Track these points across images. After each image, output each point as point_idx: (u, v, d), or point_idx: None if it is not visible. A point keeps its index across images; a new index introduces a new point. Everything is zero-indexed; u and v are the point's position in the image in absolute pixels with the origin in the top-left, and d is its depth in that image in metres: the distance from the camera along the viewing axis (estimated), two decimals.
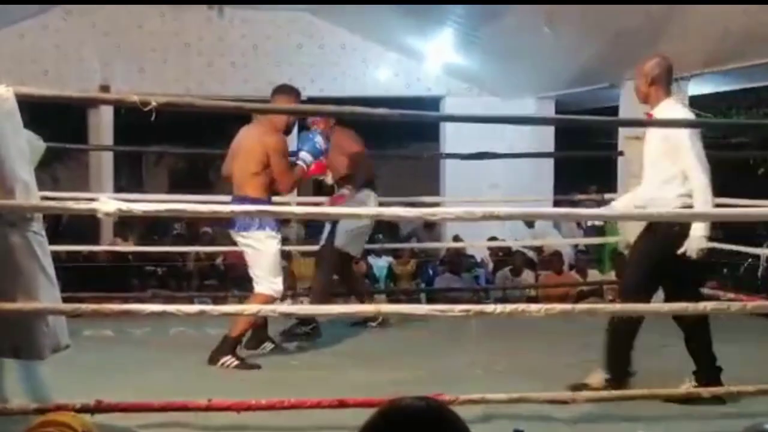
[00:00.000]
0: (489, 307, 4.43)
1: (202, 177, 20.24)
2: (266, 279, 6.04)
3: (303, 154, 6.30)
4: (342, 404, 4.40)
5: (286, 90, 6.51)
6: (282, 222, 12.74)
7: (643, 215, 5.88)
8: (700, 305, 4.75)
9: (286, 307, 5.64)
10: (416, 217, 4.44)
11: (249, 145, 6.28)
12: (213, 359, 6.01)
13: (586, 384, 5.07)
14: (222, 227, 9.70)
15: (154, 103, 3.87)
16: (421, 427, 1.70)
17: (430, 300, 10.72)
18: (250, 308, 4.23)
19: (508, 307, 4.38)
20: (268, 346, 6.51)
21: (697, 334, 5.22)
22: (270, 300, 5.96)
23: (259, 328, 6.42)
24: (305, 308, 6.29)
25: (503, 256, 12.45)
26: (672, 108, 5.42)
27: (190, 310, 4.47)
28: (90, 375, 5.45)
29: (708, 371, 5.14)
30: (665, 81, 5.53)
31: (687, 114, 5.57)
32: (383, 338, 6.94)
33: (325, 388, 5.11)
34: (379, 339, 6.90)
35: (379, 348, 6.65)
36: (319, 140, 6.37)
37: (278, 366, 6.06)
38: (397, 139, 16.09)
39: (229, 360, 6.00)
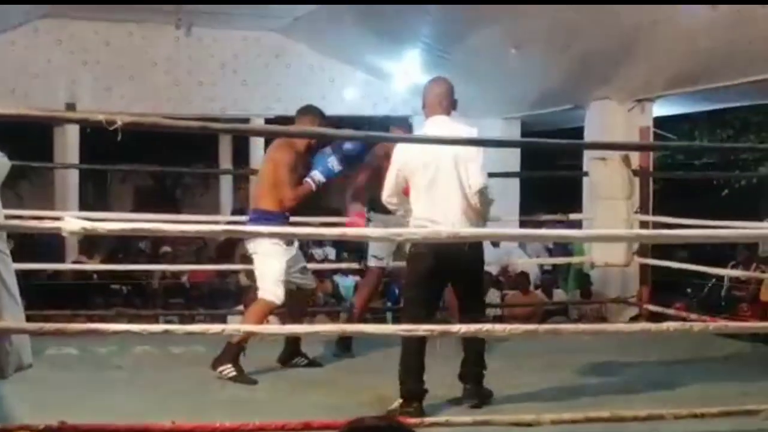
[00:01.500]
0: (454, 327, 4.43)
1: (168, 195, 20.19)
2: (268, 286, 6.12)
3: (315, 173, 6.35)
4: (307, 427, 4.39)
5: (308, 111, 6.59)
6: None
7: (602, 236, 5.95)
8: (663, 325, 4.77)
9: (247, 326, 5.61)
10: (382, 237, 4.45)
11: (264, 162, 6.57)
12: (214, 365, 6.01)
13: (392, 410, 5.03)
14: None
15: (119, 122, 3.85)
16: None
17: (397, 319, 10.71)
18: (214, 328, 4.21)
19: (473, 327, 4.39)
20: (301, 361, 6.51)
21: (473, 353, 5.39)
22: (270, 307, 6.13)
23: (293, 341, 6.45)
24: (270, 328, 6.27)
25: None
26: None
27: (154, 329, 4.44)
28: (54, 395, 5.39)
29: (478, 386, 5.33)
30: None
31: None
32: (346, 358, 6.91)
33: (289, 409, 5.11)
34: (342, 359, 6.87)
35: (342, 368, 6.63)
36: (333, 161, 6.37)
37: (241, 386, 6.03)
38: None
39: (227, 369, 5.99)
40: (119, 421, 4.47)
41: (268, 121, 13.55)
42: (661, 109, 11.97)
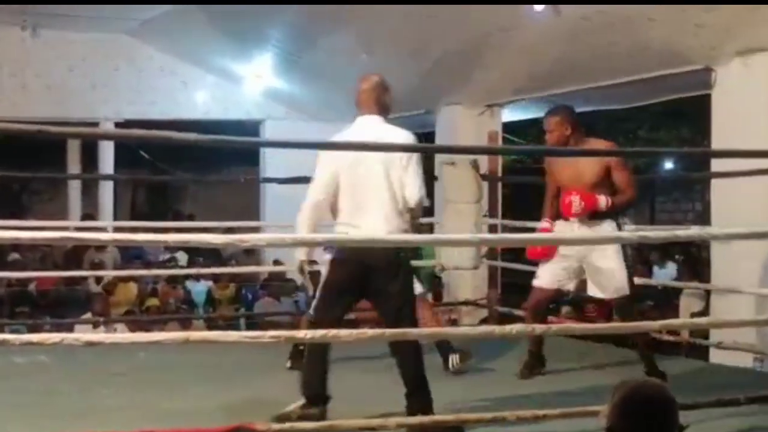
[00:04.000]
0: (300, 333, 4.42)
1: (15, 201, 19.61)
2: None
3: None
4: None
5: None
6: (97, 249, 12.58)
7: (449, 240, 6.03)
8: (507, 328, 4.84)
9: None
10: (227, 243, 4.40)
11: None
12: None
13: (289, 413, 5.00)
14: None
15: None
16: None
17: (250, 325, 10.67)
18: (53, 337, 4.10)
19: (319, 333, 4.39)
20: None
21: (409, 359, 5.11)
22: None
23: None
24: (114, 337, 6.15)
25: None
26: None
27: None
28: None
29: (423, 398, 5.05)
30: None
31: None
32: (195, 364, 6.83)
33: (136, 417, 5.03)
34: (192, 365, 6.79)
35: (193, 374, 6.55)
36: None
37: (90, 394, 5.92)
38: (217, 164, 15.98)
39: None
40: None
41: (118, 125, 13.28)
42: (510, 114, 12.19)
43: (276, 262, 12.55)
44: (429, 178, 11.02)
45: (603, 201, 6.08)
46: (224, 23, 11.65)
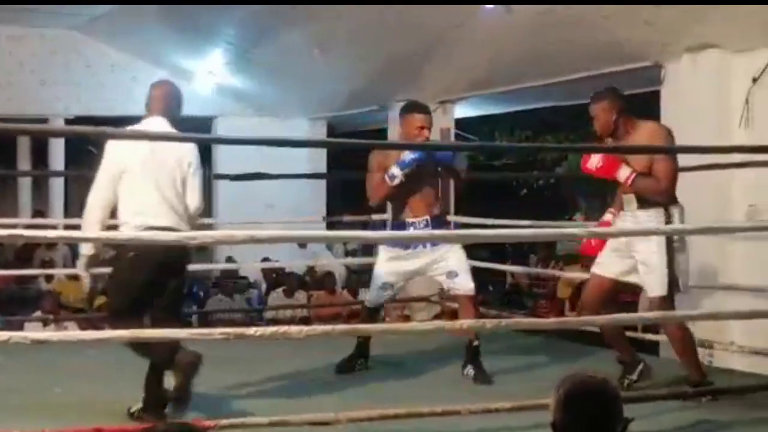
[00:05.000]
0: (249, 330, 4.40)
1: None
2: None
3: (392, 168, 6.27)
4: None
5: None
6: (48, 247, 12.45)
7: (399, 237, 6.03)
8: (457, 323, 4.86)
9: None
10: (176, 240, 4.37)
11: None
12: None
13: (132, 411, 5.01)
14: None
15: None
16: None
17: (202, 323, 10.62)
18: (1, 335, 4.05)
19: (268, 330, 4.38)
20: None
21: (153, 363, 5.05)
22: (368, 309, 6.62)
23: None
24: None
25: (276, 277, 12.48)
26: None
27: None
28: None
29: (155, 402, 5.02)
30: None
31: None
32: (139, 361, 6.77)
33: (87, 414, 4.98)
34: (136, 362, 6.74)
35: (142, 371, 6.51)
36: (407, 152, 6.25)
37: (39, 391, 5.86)
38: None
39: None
40: None
41: (68, 121, 13.17)
42: (462, 110, 12.23)
43: (229, 260, 12.51)
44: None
45: (624, 172, 5.62)
46: (175, 19, 11.58)
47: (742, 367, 7.15)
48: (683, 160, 6.16)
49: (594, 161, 5.74)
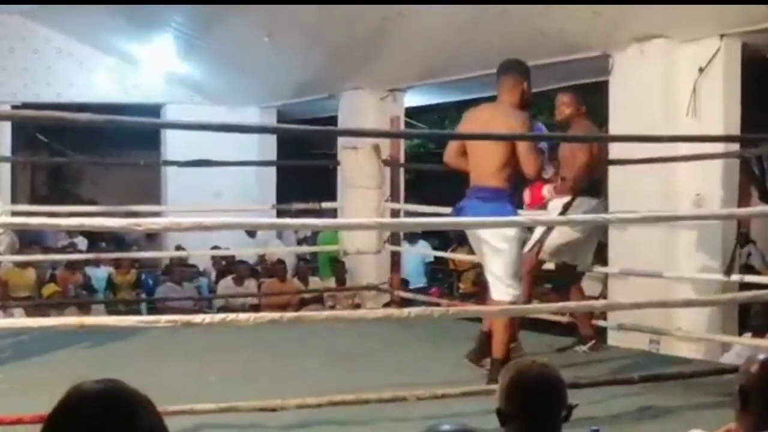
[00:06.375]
0: (197, 318, 4.39)
1: None
2: (502, 282, 5.63)
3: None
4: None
5: (517, 69, 5.99)
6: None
7: (347, 224, 6.04)
8: (404, 311, 4.88)
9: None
10: (123, 227, 4.35)
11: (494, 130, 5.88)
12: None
13: None
14: None
15: None
16: (99, 406, 1.70)
17: (152, 310, 10.58)
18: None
19: (217, 317, 4.37)
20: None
21: None
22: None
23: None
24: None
25: (226, 265, 12.44)
26: None
27: None
28: None
29: None
30: None
31: None
32: (95, 351, 6.74)
33: (31, 402, 4.94)
34: (91, 352, 6.71)
35: (89, 362, 6.47)
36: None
37: None
38: (117, 147, 15.71)
39: None
40: None
41: (14, 107, 12.99)
42: (412, 99, 12.23)
43: (178, 248, 12.44)
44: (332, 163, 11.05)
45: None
46: (123, 5, 11.45)
47: (689, 354, 7.26)
48: (629, 150, 6.23)
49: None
